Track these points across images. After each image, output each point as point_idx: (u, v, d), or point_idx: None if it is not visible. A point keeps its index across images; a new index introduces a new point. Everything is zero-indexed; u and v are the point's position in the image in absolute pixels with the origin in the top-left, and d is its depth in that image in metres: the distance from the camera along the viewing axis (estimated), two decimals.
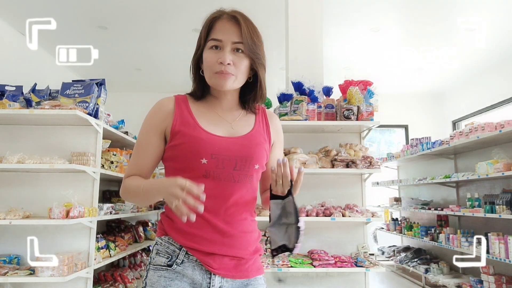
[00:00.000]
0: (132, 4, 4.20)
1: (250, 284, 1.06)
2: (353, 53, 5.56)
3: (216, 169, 1.00)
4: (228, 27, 1.04)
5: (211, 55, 1.03)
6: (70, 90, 2.70)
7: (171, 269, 1.00)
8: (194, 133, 1.02)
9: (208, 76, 1.05)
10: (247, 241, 1.05)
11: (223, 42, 1.03)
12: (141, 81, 6.80)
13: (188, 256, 1.01)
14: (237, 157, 1.02)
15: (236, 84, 1.06)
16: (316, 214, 2.87)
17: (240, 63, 1.03)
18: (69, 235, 2.65)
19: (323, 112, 3.02)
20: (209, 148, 1.00)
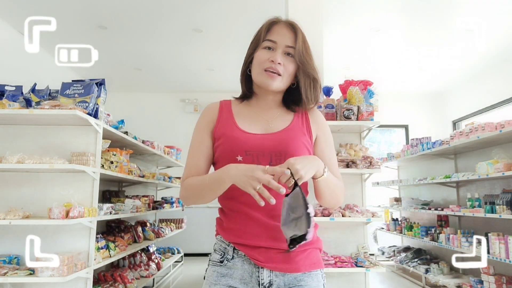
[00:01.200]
0: (132, 4, 4.20)
1: (303, 280, 1.04)
2: (353, 53, 5.56)
3: None
4: (284, 32, 1.11)
5: (263, 54, 1.10)
6: (70, 90, 2.70)
7: (223, 265, 1.06)
8: (230, 133, 1.09)
9: (257, 72, 1.11)
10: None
11: (277, 43, 1.10)
12: (141, 81, 6.79)
13: (237, 252, 1.06)
14: (271, 152, 1.05)
15: (281, 84, 1.11)
16: (315, 214, 2.87)
17: (289, 65, 1.10)
18: (69, 235, 2.65)
19: (323, 112, 3.02)
20: (243, 146, 1.05)
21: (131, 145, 3.74)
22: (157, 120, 7.28)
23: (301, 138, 1.10)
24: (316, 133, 1.16)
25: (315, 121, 1.17)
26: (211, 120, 1.14)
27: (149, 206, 4.18)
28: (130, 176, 3.49)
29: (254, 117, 1.14)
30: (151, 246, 4.61)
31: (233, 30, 4.82)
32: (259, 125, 1.12)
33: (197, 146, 1.14)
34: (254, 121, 1.13)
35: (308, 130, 1.14)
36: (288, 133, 1.10)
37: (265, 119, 1.14)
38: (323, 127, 1.19)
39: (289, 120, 1.14)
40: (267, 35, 1.12)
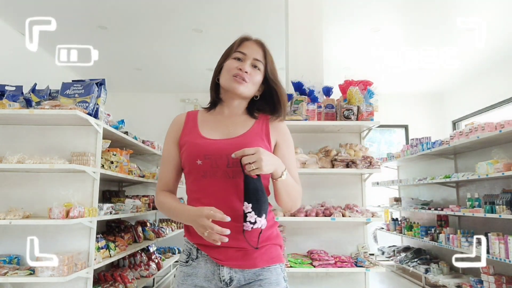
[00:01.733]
0: (132, 4, 4.20)
1: (262, 274, 1.12)
2: (353, 53, 5.56)
3: (211, 168, 1.11)
4: (254, 47, 1.24)
5: (232, 63, 1.21)
6: (70, 90, 2.70)
7: (188, 265, 1.15)
8: (192, 139, 1.17)
9: (225, 79, 1.21)
10: (251, 232, 1.06)
11: (246, 55, 1.21)
12: (141, 81, 6.79)
13: (200, 252, 1.14)
14: (228, 156, 1.09)
15: (246, 91, 1.20)
16: (316, 214, 2.87)
17: (255, 76, 1.21)
18: (69, 235, 2.65)
19: (323, 112, 3.02)
20: (202, 151, 1.13)
21: (131, 145, 3.74)
22: (157, 120, 7.26)
23: (259, 143, 1.15)
24: (275, 139, 1.23)
25: (275, 128, 1.24)
26: (177, 130, 1.24)
27: (149, 206, 4.18)
28: (130, 176, 3.49)
29: (217, 123, 1.23)
30: (151, 246, 4.61)
31: (233, 30, 4.82)
32: (220, 131, 1.20)
33: (166, 157, 1.24)
34: (215, 128, 1.21)
35: (267, 135, 1.21)
36: (246, 137, 1.17)
37: (226, 125, 1.22)
38: (283, 133, 1.25)
39: (249, 126, 1.22)
40: (238, 48, 1.23)
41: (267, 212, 1.05)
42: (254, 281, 1.11)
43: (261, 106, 1.27)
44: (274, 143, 1.23)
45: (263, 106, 1.27)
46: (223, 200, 1.09)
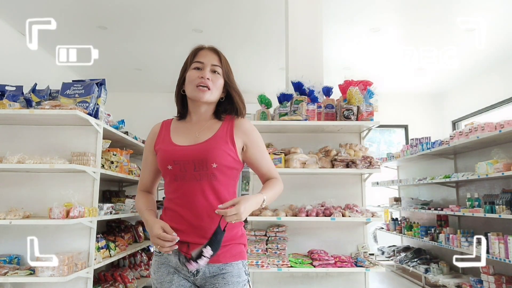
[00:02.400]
0: (132, 4, 4.20)
1: (225, 269, 1.24)
2: (353, 53, 5.56)
3: (180, 172, 1.24)
4: (209, 54, 1.34)
5: (193, 73, 1.31)
6: (70, 90, 2.70)
7: (160, 255, 1.28)
8: (164, 146, 1.30)
9: (190, 89, 1.31)
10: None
11: (204, 64, 1.31)
12: (141, 81, 6.79)
13: None
14: (194, 160, 1.24)
15: (211, 97, 1.30)
16: (316, 214, 2.87)
17: (217, 80, 1.31)
18: (69, 235, 2.65)
19: (323, 112, 3.02)
20: (172, 157, 1.26)
21: (131, 145, 3.75)
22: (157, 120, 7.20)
23: (223, 147, 1.27)
24: (242, 140, 1.33)
25: (239, 129, 1.33)
26: (152, 138, 1.38)
27: None
28: (130, 176, 3.50)
29: (186, 131, 1.34)
30: (152, 245, 4.61)
31: (233, 30, 4.82)
32: (188, 138, 1.31)
33: (144, 162, 1.41)
34: (185, 135, 1.32)
35: (231, 138, 1.30)
36: (210, 143, 1.27)
37: (194, 132, 1.32)
38: (249, 133, 1.35)
39: (215, 130, 1.32)
40: (194, 59, 1.33)
41: None
42: (218, 274, 1.23)
43: (226, 107, 1.37)
44: (242, 144, 1.33)
45: (228, 107, 1.36)
46: (191, 200, 1.23)
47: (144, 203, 1.36)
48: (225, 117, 1.36)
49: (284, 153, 2.98)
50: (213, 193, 1.25)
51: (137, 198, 1.41)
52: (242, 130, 1.33)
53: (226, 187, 1.28)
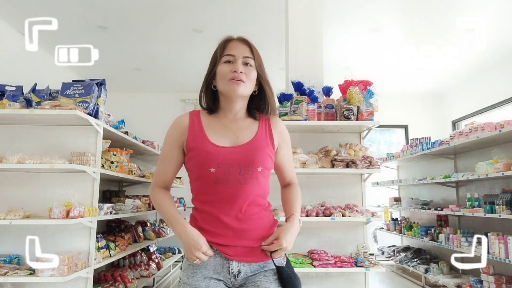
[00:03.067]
0: (132, 4, 4.20)
1: (266, 266, 1.22)
2: (353, 53, 5.56)
3: (223, 176, 1.18)
4: (239, 46, 1.27)
5: (225, 67, 1.24)
6: (70, 90, 2.70)
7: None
8: (202, 147, 1.21)
9: (222, 85, 1.24)
10: (258, 234, 1.22)
11: (235, 56, 1.24)
12: (141, 81, 6.79)
13: (210, 246, 1.19)
14: (240, 164, 1.19)
15: (246, 90, 1.24)
16: (316, 214, 2.87)
17: (250, 73, 1.24)
18: (69, 235, 2.65)
19: (323, 112, 3.02)
20: (215, 159, 1.19)
21: (131, 145, 3.75)
22: (157, 120, 7.27)
23: (265, 149, 1.24)
24: (278, 142, 1.31)
25: (277, 130, 1.32)
26: (181, 134, 1.27)
27: (150, 206, 4.18)
28: (130, 176, 3.50)
29: (223, 129, 1.27)
30: (152, 246, 4.61)
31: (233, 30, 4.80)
32: (228, 138, 1.25)
33: (167, 157, 1.30)
34: (223, 134, 1.25)
35: (271, 140, 1.28)
36: (254, 145, 1.24)
37: (233, 131, 1.26)
38: (284, 135, 1.34)
39: (254, 131, 1.28)
40: (224, 52, 1.26)
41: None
42: (259, 272, 1.21)
43: (259, 103, 1.31)
44: (277, 145, 1.31)
45: (260, 103, 1.31)
46: (234, 204, 1.19)
47: (171, 204, 1.28)
48: (259, 115, 1.32)
49: None
50: (256, 196, 1.23)
51: (158, 195, 1.30)
52: (278, 130, 1.32)
53: (265, 189, 1.27)
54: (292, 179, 1.40)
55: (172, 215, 1.23)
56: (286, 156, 1.35)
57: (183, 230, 1.19)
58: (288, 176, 1.39)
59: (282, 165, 1.36)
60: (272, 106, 1.31)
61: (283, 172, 1.38)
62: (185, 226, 1.20)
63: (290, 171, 1.39)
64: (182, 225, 1.20)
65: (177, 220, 1.22)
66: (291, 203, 1.33)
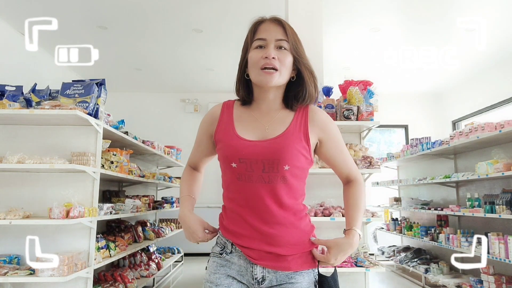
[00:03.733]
0: (132, 4, 4.20)
1: (295, 277, 1.09)
2: (353, 53, 5.56)
3: (246, 172, 1.08)
4: (271, 27, 1.12)
5: (256, 53, 1.10)
6: (70, 90, 2.70)
7: (222, 257, 1.14)
8: (227, 139, 1.12)
9: (254, 74, 1.11)
10: (287, 240, 1.09)
11: (267, 40, 1.10)
12: (141, 81, 6.79)
13: (234, 247, 1.12)
14: (264, 160, 1.07)
15: (280, 79, 1.10)
16: (315, 214, 2.87)
17: (285, 58, 1.10)
18: (69, 235, 2.65)
19: None
20: (237, 153, 1.08)
21: (131, 145, 3.74)
22: (157, 120, 7.28)
23: (296, 145, 1.09)
24: (318, 136, 1.15)
25: (315, 123, 1.15)
26: (212, 123, 1.20)
27: (149, 206, 4.18)
28: (130, 176, 3.49)
29: (253, 121, 1.15)
30: (151, 246, 4.61)
31: (233, 30, 4.82)
32: (256, 131, 1.13)
33: (198, 142, 1.27)
34: (252, 126, 1.14)
35: (305, 134, 1.12)
36: (283, 140, 1.09)
37: (263, 124, 1.14)
38: (326, 127, 1.16)
39: (287, 124, 1.13)
40: (255, 36, 1.13)
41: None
42: (285, 283, 1.09)
43: (298, 91, 1.16)
44: (316, 140, 1.15)
45: (299, 90, 1.15)
46: (259, 204, 1.08)
47: (189, 185, 1.28)
48: (297, 106, 1.16)
49: None
50: (286, 198, 1.09)
51: (184, 174, 1.32)
52: (317, 124, 1.15)
53: (297, 191, 1.12)
54: (350, 174, 1.22)
55: (182, 197, 1.25)
56: (334, 150, 1.18)
57: (183, 217, 1.19)
58: (344, 171, 1.22)
59: (331, 160, 1.20)
60: (310, 94, 1.14)
61: (336, 168, 1.22)
62: (185, 212, 1.19)
63: (345, 165, 1.21)
64: (183, 211, 1.20)
65: (182, 204, 1.22)
66: (352, 212, 1.16)
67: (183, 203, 1.23)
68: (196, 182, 1.31)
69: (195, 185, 1.29)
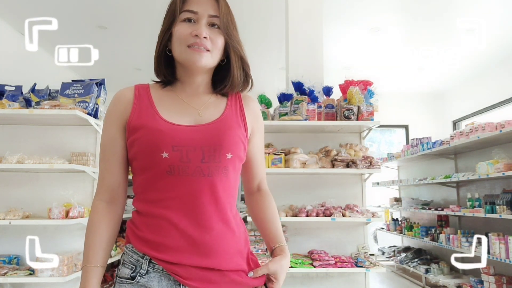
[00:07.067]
0: (132, 4, 4.20)
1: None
2: (353, 53, 5.56)
3: (180, 163, 0.87)
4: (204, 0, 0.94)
5: (184, 27, 0.92)
6: (70, 90, 2.70)
7: (134, 282, 0.87)
8: (152, 124, 0.90)
9: (179, 51, 0.93)
10: (223, 248, 0.88)
11: (198, 14, 0.93)
12: (141, 81, 6.71)
13: (153, 265, 0.87)
14: (203, 147, 0.88)
15: (210, 61, 0.94)
16: (316, 214, 2.86)
17: (217, 38, 0.94)
18: (68, 235, 2.65)
19: (323, 112, 3.02)
20: (169, 140, 0.87)
21: None
22: None
23: (237, 131, 0.94)
24: (252, 125, 1.01)
25: (251, 111, 1.02)
26: (124, 108, 0.94)
27: None
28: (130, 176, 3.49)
29: (181, 105, 0.96)
30: None
31: None
32: (187, 115, 0.94)
33: (108, 147, 0.95)
34: (180, 110, 0.95)
35: (243, 121, 0.98)
36: (222, 124, 0.94)
37: (194, 108, 0.96)
38: (259, 118, 1.05)
39: (222, 109, 0.98)
40: (184, 6, 0.94)
41: None
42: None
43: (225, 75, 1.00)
44: (251, 129, 1.01)
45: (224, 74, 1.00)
46: (194, 204, 0.88)
47: (97, 244, 0.91)
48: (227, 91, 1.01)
49: (284, 153, 2.97)
50: (225, 196, 0.91)
51: (91, 219, 0.95)
52: (252, 112, 1.02)
53: (235, 188, 0.95)
54: (262, 182, 1.07)
55: (85, 268, 0.89)
56: (259, 147, 1.04)
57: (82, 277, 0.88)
58: (258, 175, 1.06)
59: (253, 158, 1.03)
60: (236, 81, 0.98)
61: (253, 169, 1.04)
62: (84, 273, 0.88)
63: (262, 169, 1.06)
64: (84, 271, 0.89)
65: (85, 280, 0.88)
66: (274, 227, 1.01)
67: (87, 279, 0.88)
68: (110, 238, 0.94)
69: (107, 244, 0.93)
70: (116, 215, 0.96)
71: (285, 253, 0.96)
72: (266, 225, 1.02)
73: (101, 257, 0.91)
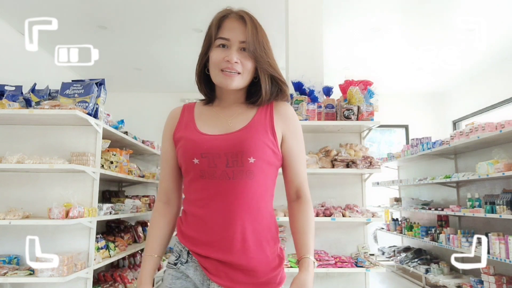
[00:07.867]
0: (132, 4, 4.20)
1: None
2: (353, 53, 5.56)
3: (208, 168, 0.99)
4: (235, 26, 1.06)
5: (218, 53, 1.04)
6: (70, 90, 2.70)
7: (176, 268, 1.03)
8: (188, 135, 1.05)
9: (214, 74, 1.06)
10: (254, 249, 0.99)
11: (230, 41, 1.04)
12: (141, 81, 6.79)
13: (191, 256, 1.02)
14: (227, 153, 0.99)
15: (241, 83, 1.05)
16: (316, 214, 2.86)
17: (247, 62, 1.04)
18: (68, 235, 2.65)
19: (323, 112, 3.02)
20: (199, 148, 1.01)
21: (131, 145, 3.74)
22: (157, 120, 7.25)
23: (262, 137, 1.02)
24: (282, 130, 1.08)
25: (281, 116, 1.08)
26: (172, 125, 1.11)
27: (149, 206, 4.17)
28: (130, 176, 3.49)
29: (215, 117, 1.09)
30: None
31: None
32: (218, 126, 1.06)
33: (164, 158, 1.13)
34: (213, 122, 1.07)
35: (271, 126, 1.05)
36: (247, 130, 1.02)
37: (225, 118, 1.07)
38: (291, 122, 1.10)
39: (250, 117, 1.06)
40: (218, 33, 1.05)
41: None
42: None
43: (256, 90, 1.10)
44: (281, 134, 1.07)
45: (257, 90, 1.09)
46: (222, 203, 0.99)
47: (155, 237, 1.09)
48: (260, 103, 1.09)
49: None
50: (255, 197, 1.00)
51: (152, 218, 1.12)
52: (283, 117, 1.08)
53: (265, 189, 1.04)
54: (301, 187, 1.10)
55: (145, 257, 1.07)
56: (293, 151, 1.08)
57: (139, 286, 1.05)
58: (295, 180, 1.09)
59: (286, 161, 1.08)
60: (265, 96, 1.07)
61: (288, 173, 1.09)
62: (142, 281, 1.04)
63: (299, 173, 1.09)
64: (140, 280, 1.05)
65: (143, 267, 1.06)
66: (305, 237, 1.03)
67: (144, 266, 1.06)
68: (166, 232, 1.11)
69: (163, 237, 1.10)
70: (171, 214, 1.13)
71: (307, 269, 0.99)
72: (296, 236, 1.06)
73: (156, 248, 1.08)
